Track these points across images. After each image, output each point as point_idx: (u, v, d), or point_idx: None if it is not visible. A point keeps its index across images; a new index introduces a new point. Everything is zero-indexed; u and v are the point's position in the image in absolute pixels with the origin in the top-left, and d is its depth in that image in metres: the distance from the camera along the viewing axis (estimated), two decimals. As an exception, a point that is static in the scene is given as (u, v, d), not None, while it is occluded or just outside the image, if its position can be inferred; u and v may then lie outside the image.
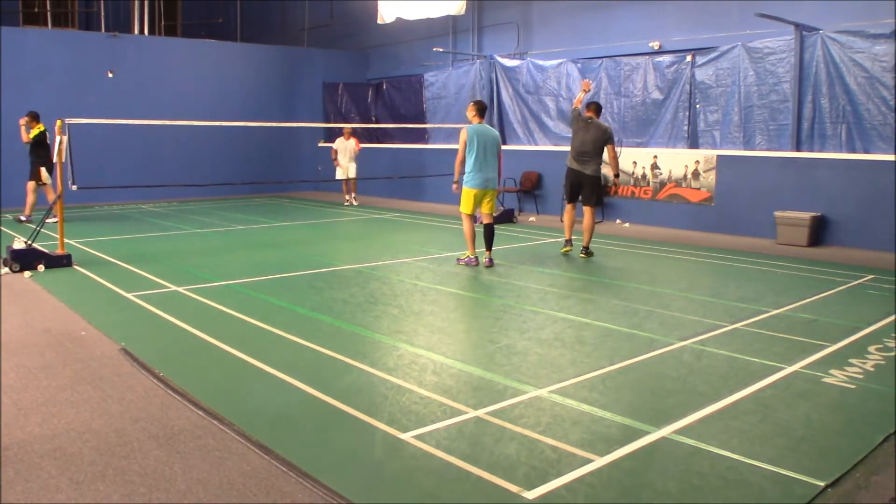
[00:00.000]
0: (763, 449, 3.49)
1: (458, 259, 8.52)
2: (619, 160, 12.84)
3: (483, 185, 8.25)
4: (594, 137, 8.89)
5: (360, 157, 15.72)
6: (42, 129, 11.67)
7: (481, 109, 8.35)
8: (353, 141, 15.51)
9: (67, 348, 5.11)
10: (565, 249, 9.33)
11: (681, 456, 3.44)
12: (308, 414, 3.95)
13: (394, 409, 3.98)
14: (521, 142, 14.90)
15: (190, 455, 3.41)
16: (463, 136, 8.19)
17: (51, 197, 11.66)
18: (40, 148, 11.66)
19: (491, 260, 8.40)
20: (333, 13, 19.36)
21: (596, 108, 9.22)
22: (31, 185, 11.85)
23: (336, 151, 15.59)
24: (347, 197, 15.69)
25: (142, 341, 5.26)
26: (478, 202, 8.31)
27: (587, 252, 9.06)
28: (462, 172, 8.38)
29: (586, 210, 9.12)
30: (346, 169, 15.54)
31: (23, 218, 11.77)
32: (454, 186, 8.59)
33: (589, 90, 9.78)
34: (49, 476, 3.20)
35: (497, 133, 8.54)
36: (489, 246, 8.42)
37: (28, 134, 11.68)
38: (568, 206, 9.40)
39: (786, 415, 3.96)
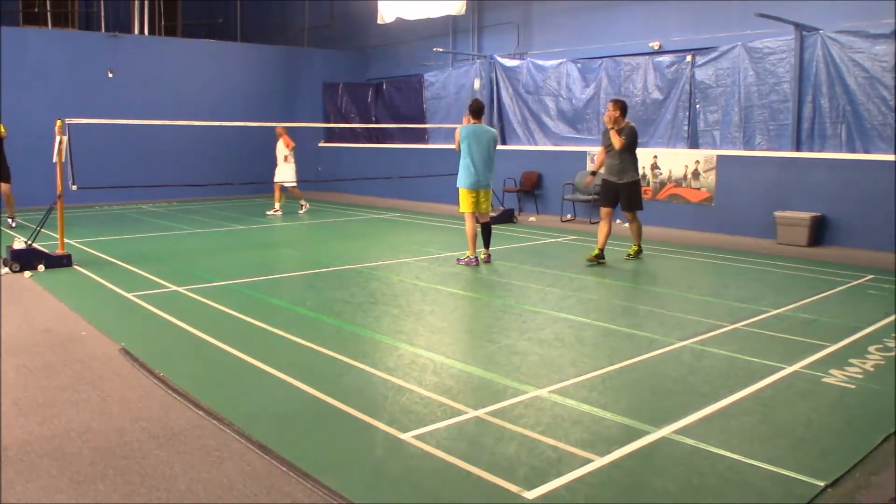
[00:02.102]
0: (763, 449, 3.49)
1: (458, 259, 8.53)
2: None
3: (475, 186, 8.35)
4: None
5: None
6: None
7: (475, 110, 8.41)
8: (282, 140, 13.53)
9: (67, 348, 5.11)
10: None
11: (681, 456, 3.44)
12: (308, 414, 3.94)
13: (394, 409, 3.98)
14: (521, 142, 14.90)
15: (190, 455, 3.41)
16: (455, 135, 8.39)
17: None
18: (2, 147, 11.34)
19: (489, 256, 8.63)
20: (333, 13, 19.36)
21: (623, 106, 8.64)
22: (8, 187, 11.36)
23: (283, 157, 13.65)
24: (277, 205, 13.62)
25: (142, 341, 5.26)
26: (475, 201, 8.37)
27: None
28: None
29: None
30: (285, 172, 13.47)
31: (14, 224, 11.58)
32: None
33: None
34: (49, 476, 3.20)
35: (494, 132, 8.58)
36: (487, 244, 8.64)
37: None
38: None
39: (786, 415, 3.96)
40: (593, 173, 9.37)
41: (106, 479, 3.18)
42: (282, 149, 13.53)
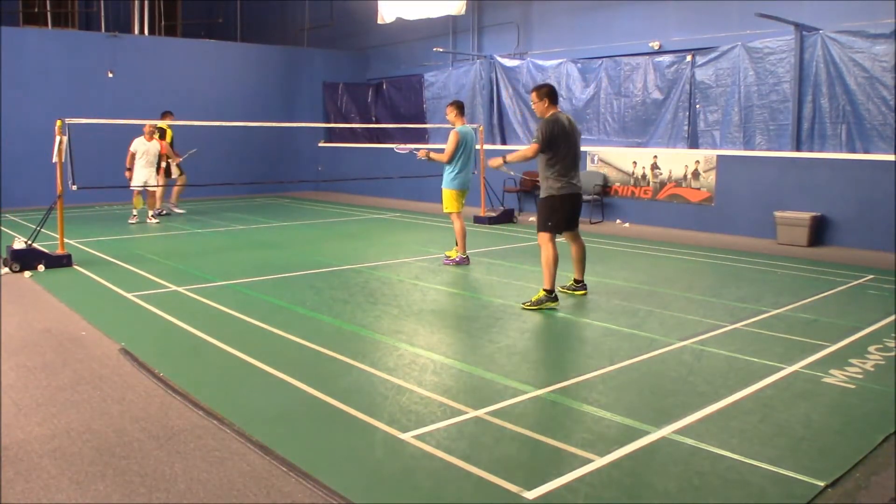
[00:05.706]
0: (763, 449, 3.49)
1: (446, 258, 8.47)
2: (616, 160, 12.87)
3: (465, 186, 8.40)
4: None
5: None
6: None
7: (463, 110, 8.46)
8: (156, 143, 11.99)
9: (67, 348, 5.11)
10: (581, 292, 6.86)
11: (681, 456, 3.44)
12: (308, 414, 3.95)
13: (394, 409, 3.98)
14: (521, 142, 14.87)
15: (190, 455, 3.41)
16: (455, 138, 8.23)
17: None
18: None
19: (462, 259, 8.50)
20: (333, 13, 19.36)
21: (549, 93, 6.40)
22: (165, 180, 12.37)
23: (133, 155, 11.75)
24: (135, 211, 12.14)
25: (142, 341, 5.26)
26: (462, 200, 8.42)
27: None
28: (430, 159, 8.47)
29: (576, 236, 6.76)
30: (145, 176, 11.78)
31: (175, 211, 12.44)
32: (421, 153, 8.53)
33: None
34: (49, 476, 3.20)
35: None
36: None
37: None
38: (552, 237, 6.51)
39: (786, 415, 3.96)
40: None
41: (106, 479, 3.18)
42: (156, 150, 11.99)
